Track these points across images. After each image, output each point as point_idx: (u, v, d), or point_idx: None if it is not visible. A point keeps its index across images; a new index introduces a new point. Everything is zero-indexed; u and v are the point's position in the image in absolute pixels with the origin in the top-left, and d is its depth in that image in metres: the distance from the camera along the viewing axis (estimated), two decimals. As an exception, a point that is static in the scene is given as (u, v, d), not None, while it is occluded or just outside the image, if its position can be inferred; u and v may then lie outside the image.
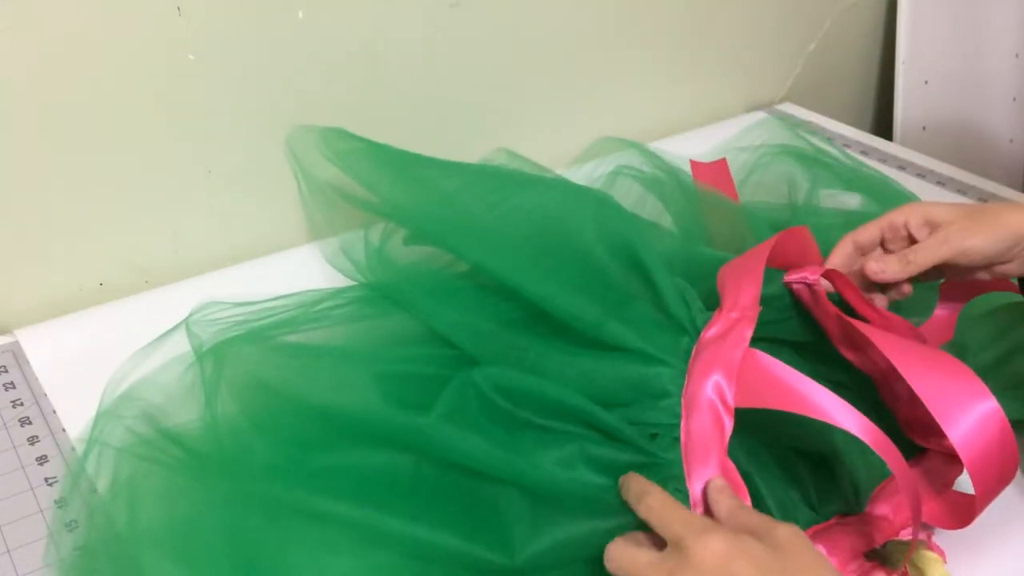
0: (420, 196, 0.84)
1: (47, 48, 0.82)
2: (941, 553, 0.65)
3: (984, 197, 1.10)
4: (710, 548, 0.51)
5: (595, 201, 0.81)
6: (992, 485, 0.61)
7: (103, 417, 0.69)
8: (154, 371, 0.74)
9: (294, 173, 0.92)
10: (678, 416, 0.64)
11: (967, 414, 0.60)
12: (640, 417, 0.65)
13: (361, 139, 0.89)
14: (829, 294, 0.70)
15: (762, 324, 0.65)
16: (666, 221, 0.91)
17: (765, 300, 0.67)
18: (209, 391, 0.70)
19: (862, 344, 0.68)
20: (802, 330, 0.72)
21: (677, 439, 0.63)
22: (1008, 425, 0.61)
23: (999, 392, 0.64)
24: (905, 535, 0.66)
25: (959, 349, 0.77)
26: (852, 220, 0.88)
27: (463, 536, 0.60)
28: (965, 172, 1.18)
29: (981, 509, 0.62)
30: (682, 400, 0.63)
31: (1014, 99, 1.50)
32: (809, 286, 0.70)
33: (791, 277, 0.70)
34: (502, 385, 0.66)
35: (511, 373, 0.67)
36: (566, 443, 0.64)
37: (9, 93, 0.82)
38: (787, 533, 0.53)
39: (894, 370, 0.63)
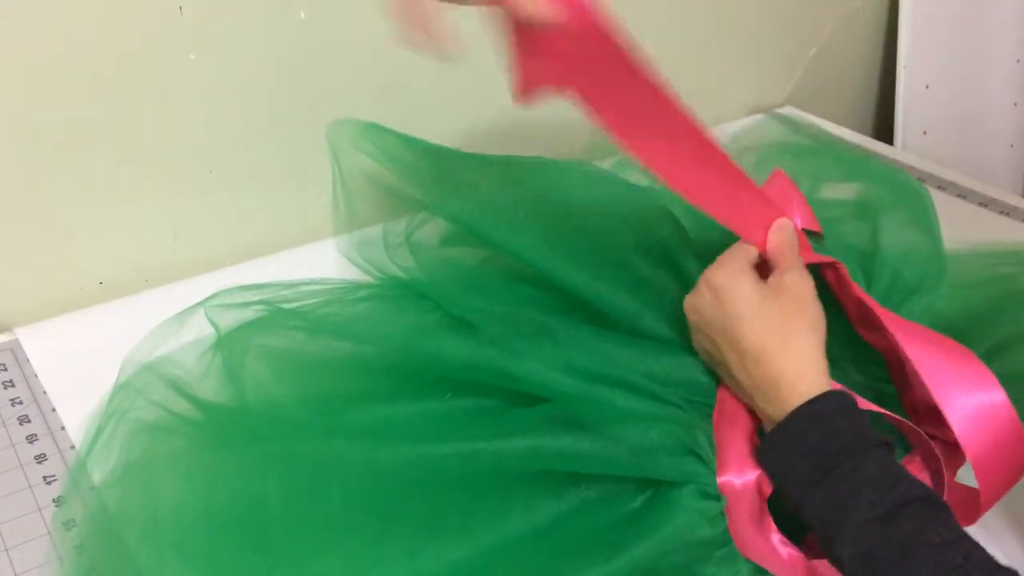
0: (459, 192, 0.85)
1: (48, 47, 0.82)
2: None
3: (984, 202, 1.10)
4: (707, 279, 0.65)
5: (623, 191, 0.84)
6: (999, 480, 0.60)
7: (122, 389, 0.69)
8: (173, 350, 0.74)
9: (332, 165, 0.91)
10: (711, 395, 0.67)
11: (970, 402, 0.60)
12: (676, 392, 0.67)
13: (398, 134, 0.89)
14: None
15: None
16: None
17: None
18: (233, 367, 0.70)
19: (878, 326, 0.68)
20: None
21: (710, 415, 0.66)
22: (1017, 419, 0.60)
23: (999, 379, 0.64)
24: None
25: (960, 336, 0.76)
26: (859, 210, 0.88)
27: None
28: (966, 176, 1.18)
29: (988, 506, 0.61)
30: (716, 386, 0.66)
31: (1015, 104, 1.50)
32: (835, 268, 0.70)
33: (815, 260, 0.70)
34: (537, 352, 0.68)
35: (547, 345, 0.69)
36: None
37: (10, 92, 0.82)
38: (793, 278, 0.63)
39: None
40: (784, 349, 0.61)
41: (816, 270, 0.71)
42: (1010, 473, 0.61)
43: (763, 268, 0.67)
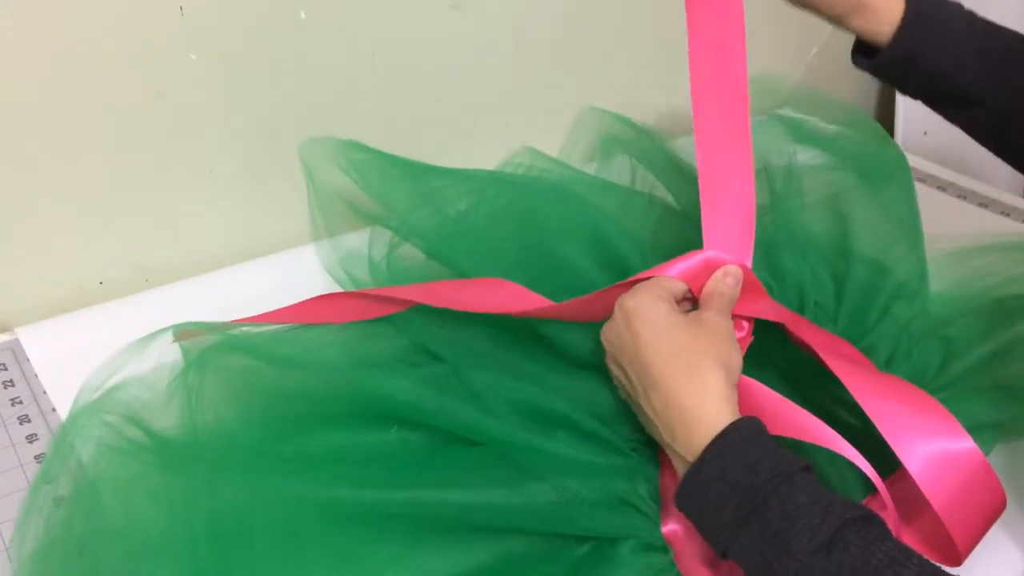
0: (430, 214, 0.85)
1: (48, 47, 0.82)
2: None
3: (984, 202, 1.10)
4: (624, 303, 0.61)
5: (596, 225, 0.83)
6: (972, 527, 0.58)
7: (78, 415, 0.67)
8: (133, 376, 0.72)
9: (307, 182, 0.91)
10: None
11: (930, 449, 0.58)
12: (622, 433, 0.66)
13: (374, 151, 0.89)
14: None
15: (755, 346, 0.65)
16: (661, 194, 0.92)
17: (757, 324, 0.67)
18: (191, 392, 0.68)
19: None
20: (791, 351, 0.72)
21: (656, 456, 0.64)
22: (988, 465, 0.58)
23: (987, 391, 0.63)
24: None
25: (946, 343, 0.74)
26: (835, 196, 0.86)
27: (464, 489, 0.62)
28: (966, 177, 1.18)
29: (968, 550, 0.59)
30: None
31: (1016, 105, 1.50)
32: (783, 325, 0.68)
33: (758, 316, 0.68)
34: (490, 384, 0.67)
35: (501, 378, 0.67)
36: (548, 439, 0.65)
37: (10, 92, 0.82)
38: (712, 317, 0.61)
39: None
40: (686, 379, 0.57)
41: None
42: (983, 519, 0.59)
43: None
